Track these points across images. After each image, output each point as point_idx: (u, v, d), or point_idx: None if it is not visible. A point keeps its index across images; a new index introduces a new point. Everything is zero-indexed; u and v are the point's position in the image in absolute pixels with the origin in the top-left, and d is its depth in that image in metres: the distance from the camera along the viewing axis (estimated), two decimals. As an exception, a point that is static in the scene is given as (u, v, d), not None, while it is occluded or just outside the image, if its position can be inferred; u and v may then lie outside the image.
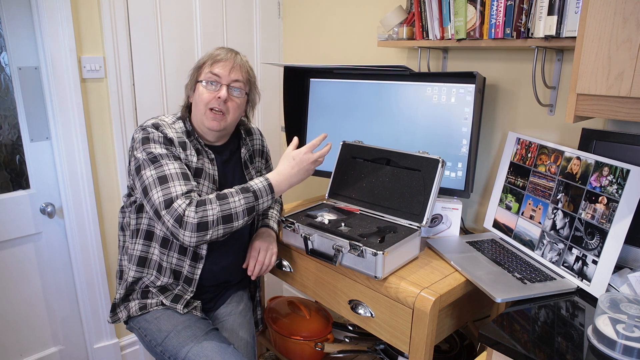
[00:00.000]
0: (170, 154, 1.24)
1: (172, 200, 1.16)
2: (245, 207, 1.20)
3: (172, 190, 1.18)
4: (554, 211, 1.28)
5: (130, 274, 1.36)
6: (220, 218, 1.17)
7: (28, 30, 1.64)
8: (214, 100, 1.30)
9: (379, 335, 1.30)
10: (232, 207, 1.18)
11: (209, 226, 1.16)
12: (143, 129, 1.28)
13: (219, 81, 1.31)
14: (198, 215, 1.15)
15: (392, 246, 1.23)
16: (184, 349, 1.24)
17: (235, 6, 2.13)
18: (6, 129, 1.69)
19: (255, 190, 1.22)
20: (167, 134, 1.27)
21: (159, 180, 1.20)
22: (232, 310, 1.49)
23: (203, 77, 1.32)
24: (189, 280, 1.36)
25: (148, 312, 1.35)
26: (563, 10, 1.19)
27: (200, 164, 1.34)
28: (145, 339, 1.32)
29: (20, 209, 1.73)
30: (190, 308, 1.36)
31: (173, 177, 1.20)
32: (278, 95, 2.36)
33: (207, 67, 1.32)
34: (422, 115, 1.58)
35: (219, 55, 1.32)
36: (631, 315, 0.91)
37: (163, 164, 1.22)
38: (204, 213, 1.15)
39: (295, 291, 2.56)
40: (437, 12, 1.47)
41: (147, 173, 1.21)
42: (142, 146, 1.24)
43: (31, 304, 1.84)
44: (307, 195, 2.40)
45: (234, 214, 1.18)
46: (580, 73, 1.03)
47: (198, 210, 1.15)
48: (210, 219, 1.15)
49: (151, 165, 1.21)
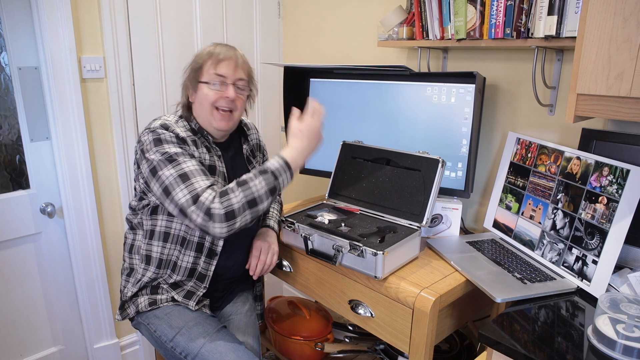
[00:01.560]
0: (185, 152, 1.24)
1: (198, 196, 1.16)
2: (267, 188, 1.20)
3: (196, 186, 1.18)
4: (554, 211, 1.28)
5: (148, 275, 1.35)
6: (246, 204, 1.17)
7: (28, 30, 1.64)
8: (222, 100, 1.30)
9: (379, 335, 1.30)
10: (254, 190, 1.18)
11: (237, 214, 1.16)
12: (152, 130, 1.26)
13: (225, 81, 1.30)
14: (224, 206, 1.15)
15: (392, 246, 1.23)
16: (197, 345, 1.24)
17: (235, 6, 2.13)
18: (6, 129, 1.69)
19: (274, 170, 1.21)
20: (178, 133, 1.27)
21: (181, 178, 1.19)
22: (238, 310, 1.49)
23: (207, 77, 1.31)
24: (202, 277, 1.36)
25: (158, 308, 1.34)
26: (563, 10, 1.19)
27: (212, 161, 1.34)
28: (154, 334, 1.32)
29: (20, 209, 1.73)
30: (200, 305, 1.36)
31: (194, 173, 1.20)
32: (278, 95, 2.36)
33: (210, 67, 1.30)
34: (422, 115, 1.58)
35: (220, 54, 1.31)
36: (631, 315, 0.91)
37: (181, 161, 1.21)
38: (229, 202, 1.15)
39: (295, 291, 2.56)
40: (437, 12, 1.47)
41: (165, 173, 1.20)
42: (155, 147, 1.23)
43: (31, 304, 1.84)
44: (307, 195, 2.40)
45: (257, 197, 1.18)
46: (580, 73, 1.03)
47: (223, 200, 1.15)
48: (236, 206, 1.15)
49: (169, 164, 1.21)
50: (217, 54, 1.31)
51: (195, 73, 1.33)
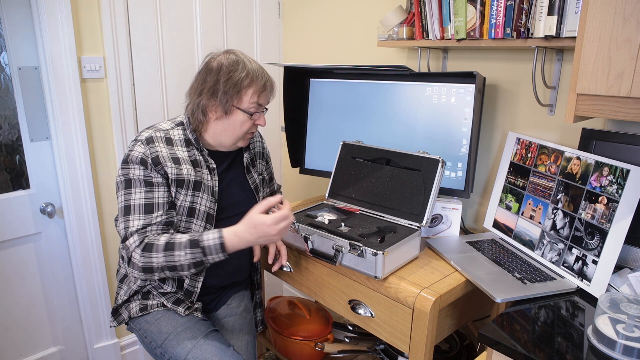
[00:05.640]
0: (142, 180, 1.22)
1: (126, 237, 1.19)
2: (192, 261, 1.17)
3: (130, 224, 1.20)
4: (554, 211, 1.28)
5: (138, 282, 1.35)
6: (166, 267, 1.18)
7: (28, 30, 1.64)
8: (254, 127, 1.32)
9: (379, 335, 1.30)
10: (177, 259, 1.16)
11: (154, 270, 1.18)
12: (135, 142, 1.25)
13: (261, 110, 1.31)
14: (142, 260, 1.17)
15: (392, 246, 1.23)
16: (184, 350, 1.24)
17: (235, 6, 2.13)
18: (6, 129, 1.69)
19: (205, 247, 1.16)
20: (151, 155, 1.22)
21: (124, 210, 1.22)
22: (233, 311, 1.48)
23: (247, 105, 1.26)
24: (190, 293, 1.36)
25: (149, 313, 1.34)
26: (563, 10, 1.19)
27: (199, 176, 1.30)
28: (145, 340, 1.32)
29: (20, 209, 1.73)
30: (191, 310, 1.36)
31: (135, 208, 1.21)
32: (278, 95, 2.35)
33: (254, 95, 1.26)
34: (422, 115, 1.58)
35: (263, 82, 1.27)
36: (631, 315, 0.91)
37: (132, 192, 1.22)
38: (148, 259, 1.17)
39: (295, 291, 2.56)
40: (437, 12, 1.47)
41: (119, 197, 1.24)
42: (122, 165, 1.24)
43: (31, 304, 1.84)
44: (307, 195, 2.40)
45: (179, 265, 1.17)
46: (580, 73, 1.03)
47: (144, 254, 1.17)
48: (154, 265, 1.17)
49: (123, 190, 1.23)
50: (257, 79, 1.26)
51: (230, 95, 1.25)
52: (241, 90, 1.25)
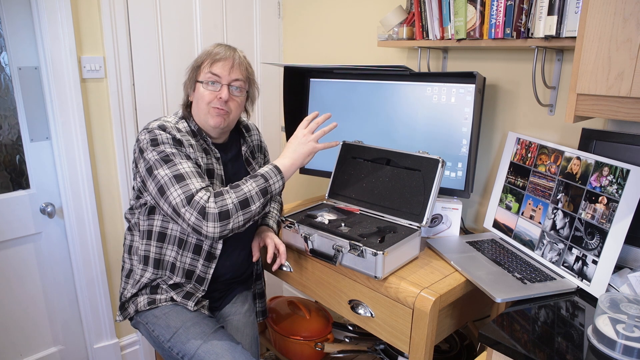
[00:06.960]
0: (181, 154, 1.25)
1: (192, 196, 1.18)
2: (258, 189, 1.22)
3: (190, 187, 1.19)
4: (554, 211, 1.28)
5: (146, 275, 1.36)
6: (238, 204, 1.19)
7: (28, 30, 1.64)
8: (216, 100, 1.31)
9: (379, 335, 1.30)
10: (246, 191, 1.21)
11: (230, 214, 1.18)
12: (149, 131, 1.27)
13: (219, 81, 1.31)
14: (218, 205, 1.17)
15: (392, 246, 1.23)
16: (194, 345, 1.24)
17: (235, 6, 2.13)
18: (6, 129, 1.69)
19: (264, 174, 1.25)
20: (175, 135, 1.27)
21: (176, 178, 1.20)
22: (237, 310, 1.49)
23: (203, 77, 1.32)
24: (201, 280, 1.37)
25: (157, 307, 1.35)
26: (563, 10, 1.19)
27: (210, 164, 1.35)
28: (152, 334, 1.32)
29: (20, 209, 1.73)
30: (199, 306, 1.36)
31: (189, 174, 1.21)
32: (278, 95, 2.36)
33: (207, 66, 1.31)
34: (422, 115, 1.58)
35: (218, 54, 1.31)
36: (631, 315, 0.91)
37: (177, 162, 1.23)
38: (223, 202, 1.17)
39: (295, 291, 2.56)
40: (437, 12, 1.47)
41: (161, 172, 1.21)
42: (152, 147, 1.24)
43: (31, 304, 1.84)
44: (307, 195, 2.40)
45: (249, 197, 1.21)
46: (580, 73, 1.03)
47: (217, 200, 1.18)
48: (230, 206, 1.17)
49: (164, 165, 1.22)
50: (215, 53, 1.32)
51: (194, 72, 1.34)
52: (200, 65, 1.33)
